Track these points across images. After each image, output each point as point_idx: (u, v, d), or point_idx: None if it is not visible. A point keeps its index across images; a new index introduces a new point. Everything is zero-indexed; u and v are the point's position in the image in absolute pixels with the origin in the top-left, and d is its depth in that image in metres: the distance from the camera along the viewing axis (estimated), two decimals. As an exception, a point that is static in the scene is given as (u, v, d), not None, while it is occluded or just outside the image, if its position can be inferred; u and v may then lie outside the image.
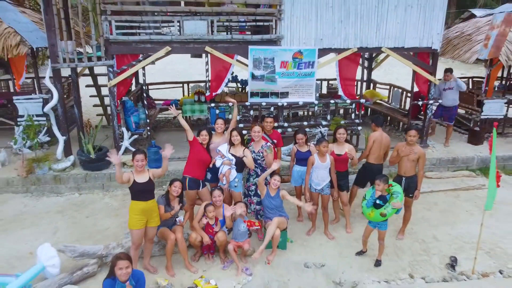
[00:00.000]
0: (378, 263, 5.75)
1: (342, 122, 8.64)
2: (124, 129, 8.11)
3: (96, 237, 6.37)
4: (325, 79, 11.94)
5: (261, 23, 7.96)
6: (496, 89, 11.38)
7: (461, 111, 10.66)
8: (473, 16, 20.65)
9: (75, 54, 7.63)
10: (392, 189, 5.51)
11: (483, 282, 5.34)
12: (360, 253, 5.96)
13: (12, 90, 10.63)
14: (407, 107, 9.97)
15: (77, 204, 7.42)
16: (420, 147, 6.22)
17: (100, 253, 5.50)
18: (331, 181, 6.26)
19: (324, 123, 8.60)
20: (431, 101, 9.05)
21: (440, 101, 9.29)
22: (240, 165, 6.07)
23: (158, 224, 5.30)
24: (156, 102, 11.18)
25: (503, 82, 12.09)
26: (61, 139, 7.91)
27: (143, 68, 8.28)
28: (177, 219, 5.64)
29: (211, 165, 6.15)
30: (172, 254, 5.53)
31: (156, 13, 7.87)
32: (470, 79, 12.44)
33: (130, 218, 5.11)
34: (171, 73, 16.99)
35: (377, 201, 5.44)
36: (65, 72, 9.06)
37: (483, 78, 10.31)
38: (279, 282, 5.38)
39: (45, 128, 8.45)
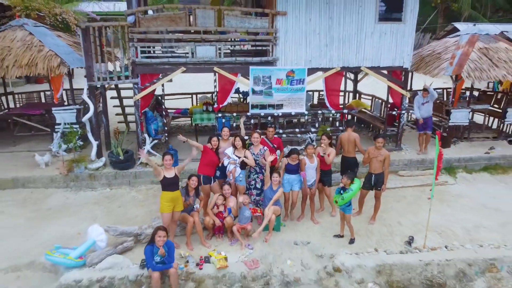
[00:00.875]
0: (351, 241, 7.31)
1: (328, 129, 10.23)
2: (146, 135, 9.69)
3: (127, 223, 7.89)
4: (316, 90, 13.51)
5: (260, 48, 9.56)
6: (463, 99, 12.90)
7: (434, 118, 12.25)
8: (456, 29, 22.42)
9: (107, 74, 9.22)
10: (351, 185, 7.08)
11: (430, 254, 6.91)
12: (338, 236, 7.52)
13: (43, 101, 12.24)
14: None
15: (109, 197, 8.99)
16: (385, 150, 7.81)
17: (135, 232, 7.07)
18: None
19: (313, 130, 10.19)
20: (403, 111, 10.65)
21: (416, 116, 10.75)
22: (243, 164, 7.65)
23: (182, 209, 6.87)
24: (168, 110, 12.74)
25: (470, 92, 13.62)
26: (95, 143, 9.50)
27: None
28: (194, 206, 7.20)
29: (220, 165, 7.74)
30: (191, 233, 7.11)
31: (173, 40, 9.47)
32: (445, 90, 14.01)
33: (162, 204, 6.67)
34: (178, 83, 18.60)
35: (341, 191, 7.04)
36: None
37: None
38: (274, 255, 6.94)
39: (79, 134, 10.02)
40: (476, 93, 13.78)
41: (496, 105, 12.81)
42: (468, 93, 12.86)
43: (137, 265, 6.32)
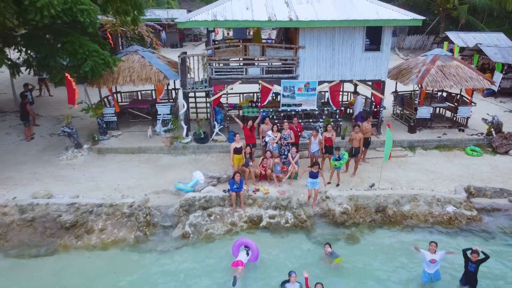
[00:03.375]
0: (337, 185, 12.70)
1: (331, 120, 15.47)
2: (215, 122, 15.24)
3: (209, 174, 13.49)
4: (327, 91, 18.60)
5: (287, 68, 14.87)
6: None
7: (407, 112, 17.25)
8: (447, 37, 26.88)
9: (193, 84, 14.78)
10: (343, 155, 12.40)
11: (381, 191, 12.20)
12: (328, 183, 12.88)
13: (139, 98, 17.98)
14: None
15: (195, 159, 14.61)
16: (361, 134, 13.08)
17: (217, 176, 12.68)
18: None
19: (321, 120, 15.48)
20: (382, 109, 15.79)
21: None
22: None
23: (242, 164, 12.42)
24: (224, 105, 18.22)
25: (441, 94, 18.42)
26: (185, 127, 15.12)
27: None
28: (249, 163, 12.72)
29: (262, 140, 13.26)
30: (248, 178, 12.65)
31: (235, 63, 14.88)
32: (413, 92, 18.75)
33: (233, 161, 12.24)
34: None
35: (336, 159, 12.38)
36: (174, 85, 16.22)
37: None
38: (293, 190, 12.37)
39: (171, 121, 15.64)
40: (445, 94, 18.62)
41: (456, 104, 17.68)
42: (439, 94, 17.81)
43: (222, 192, 11.92)
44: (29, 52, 15.15)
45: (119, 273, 9.84)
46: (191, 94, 16.29)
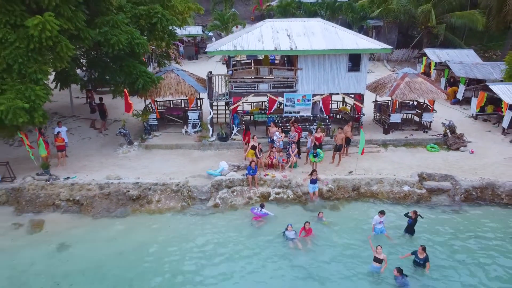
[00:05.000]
0: (313, 171, 17.10)
1: (322, 124, 19.83)
2: (234, 125, 19.66)
3: (231, 163, 17.88)
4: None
5: (289, 84, 19.29)
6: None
7: (383, 117, 21.57)
8: (424, 54, 31.17)
9: (217, 96, 19.22)
10: (318, 152, 16.77)
11: (357, 176, 16.58)
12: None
13: (171, 106, 22.46)
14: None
15: (219, 154, 19.00)
16: (343, 134, 17.48)
17: (237, 165, 17.09)
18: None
19: (314, 124, 19.86)
20: (362, 115, 20.16)
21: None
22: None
23: (254, 156, 16.86)
24: (239, 112, 22.62)
25: (412, 103, 22.70)
26: (210, 129, 19.56)
27: (241, 100, 19.75)
28: (260, 155, 17.14)
29: (271, 138, 17.68)
30: (260, 166, 17.07)
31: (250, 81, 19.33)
32: (389, 101, 23.07)
33: (249, 154, 16.66)
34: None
35: (314, 155, 16.75)
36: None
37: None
38: (293, 176, 16.71)
39: (200, 124, 20.07)
40: (415, 103, 22.92)
41: (421, 111, 21.99)
42: (411, 102, 22.19)
43: (241, 175, 16.31)
44: (92, 71, 19.70)
45: (172, 228, 14.24)
46: (215, 104, 20.74)
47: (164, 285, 11.46)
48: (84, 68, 19.60)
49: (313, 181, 15.63)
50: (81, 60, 20.05)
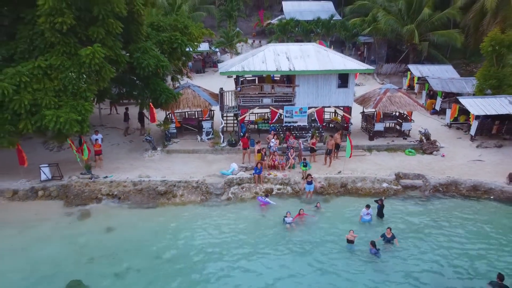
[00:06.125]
0: (304, 178, 20.46)
1: (316, 132, 23.19)
2: (241, 133, 23.01)
3: (240, 165, 21.20)
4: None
5: (288, 98, 22.69)
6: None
7: (368, 126, 24.92)
8: (408, 69, 34.69)
9: (228, 108, 22.60)
10: (307, 162, 20.10)
11: (344, 175, 19.92)
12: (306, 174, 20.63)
13: (186, 117, 25.85)
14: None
15: (229, 157, 22.26)
16: (333, 140, 20.85)
17: (246, 166, 20.43)
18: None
19: (310, 132, 23.21)
20: (350, 124, 23.55)
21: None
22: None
23: (260, 159, 20.18)
24: (246, 121, 25.96)
25: (395, 114, 26.11)
26: (222, 136, 22.92)
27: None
28: (264, 157, 20.49)
29: (268, 144, 21.06)
30: (264, 167, 20.42)
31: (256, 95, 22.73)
32: (375, 112, 26.48)
33: (256, 157, 19.99)
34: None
35: (303, 164, 20.11)
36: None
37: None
38: (291, 175, 20.06)
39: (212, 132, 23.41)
40: (397, 114, 26.29)
41: (401, 120, 25.35)
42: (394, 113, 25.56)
43: (249, 174, 19.63)
44: (122, 88, 23.13)
45: (194, 217, 17.51)
46: (225, 115, 24.15)
47: (194, 255, 14.71)
48: (115, 85, 22.95)
49: (309, 183, 18.92)
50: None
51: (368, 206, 16.77)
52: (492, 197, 18.93)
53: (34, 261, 14.31)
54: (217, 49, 43.63)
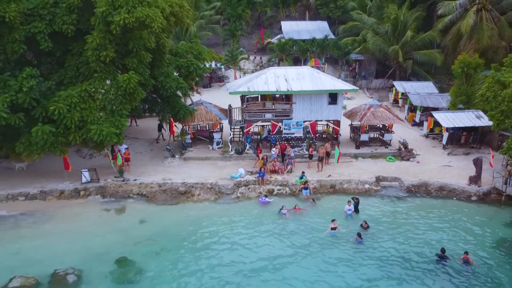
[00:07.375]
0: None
1: (311, 142, 27.03)
2: (246, 143, 26.85)
3: (247, 169, 24.97)
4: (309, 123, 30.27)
5: (286, 113, 26.58)
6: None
7: (356, 136, 28.74)
8: (392, 85, 38.74)
9: (236, 122, 26.46)
10: (300, 176, 23.94)
11: (333, 178, 23.72)
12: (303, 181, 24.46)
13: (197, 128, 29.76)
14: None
15: (237, 163, 26.00)
16: (324, 149, 24.71)
17: (250, 170, 24.24)
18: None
19: (305, 142, 27.06)
20: (339, 135, 27.42)
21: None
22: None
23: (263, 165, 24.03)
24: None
25: (380, 126, 30.02)
26: (230, 145, 26.76)
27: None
28: (267, 163, 24.30)
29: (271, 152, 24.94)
30: (266, 172, 24.24)
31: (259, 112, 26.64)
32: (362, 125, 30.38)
33: (259, 163, 23.83)
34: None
35: (301, 177, 23.95)
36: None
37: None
38: (289, 178, 23.87)
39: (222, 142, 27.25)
40: (381, 126, 30.15)
41: (383, 131, 29.20)
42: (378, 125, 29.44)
43: (254, 177, 23.42)
44: (144, 104, 27.05)
45: (209, 212, 21.28)
46: (233, 127, 28.01)
47: (209, 238, 18.44)
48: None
49: (305, 188, 22.71)
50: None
51: (349, 202, 20.56)
52: (454, 197, 22.73)
53: (87, 243, 18.05)
54: (222, 66, 47.64)
